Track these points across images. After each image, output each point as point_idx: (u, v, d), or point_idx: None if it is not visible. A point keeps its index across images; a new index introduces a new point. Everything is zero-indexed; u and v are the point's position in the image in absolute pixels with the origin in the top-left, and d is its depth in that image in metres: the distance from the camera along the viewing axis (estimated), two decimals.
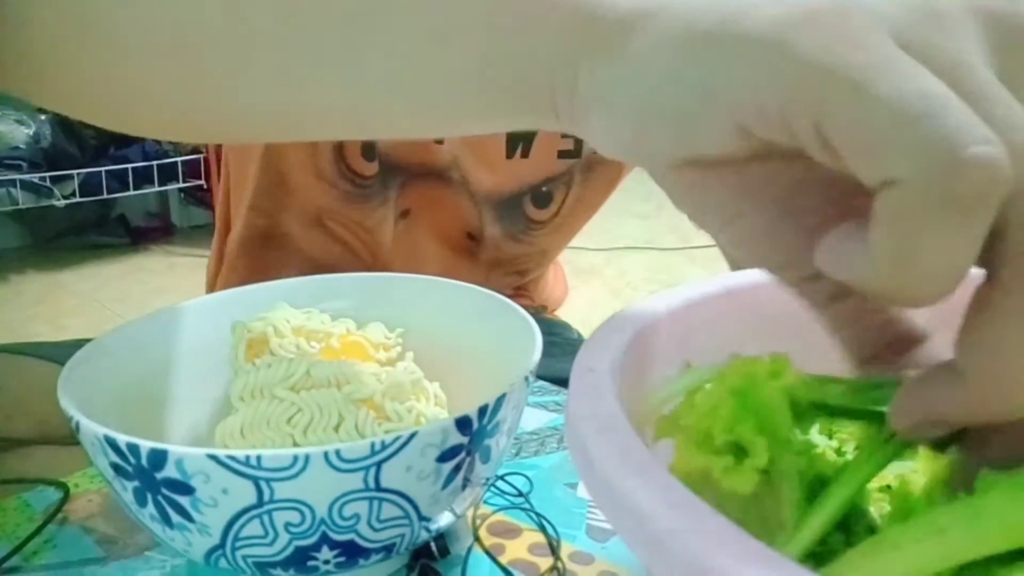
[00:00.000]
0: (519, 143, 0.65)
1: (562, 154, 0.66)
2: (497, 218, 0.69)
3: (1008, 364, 0.18)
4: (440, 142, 0.64)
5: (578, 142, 0.66)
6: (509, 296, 0.44)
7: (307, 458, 0.28)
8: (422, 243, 0.69)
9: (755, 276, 0.32)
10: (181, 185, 2.56)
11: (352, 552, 0.31)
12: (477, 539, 0.39)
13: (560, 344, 0.64)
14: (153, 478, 0.29)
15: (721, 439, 0.21)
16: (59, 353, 0.56)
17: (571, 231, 0.75)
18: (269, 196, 0.67)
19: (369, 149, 0.64)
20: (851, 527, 0.22)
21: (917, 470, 0.22)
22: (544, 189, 0.69)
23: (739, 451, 0.21)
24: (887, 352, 0.23)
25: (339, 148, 0.63)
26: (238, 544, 0.30)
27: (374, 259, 0.69)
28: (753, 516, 0.21)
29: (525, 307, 0.41)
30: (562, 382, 0.54)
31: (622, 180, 0.72)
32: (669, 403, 0.23)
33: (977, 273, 0.18)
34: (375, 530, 0.31)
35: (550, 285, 0.84)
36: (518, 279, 0.77)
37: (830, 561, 0.18)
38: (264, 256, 0.70)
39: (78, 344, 0.37)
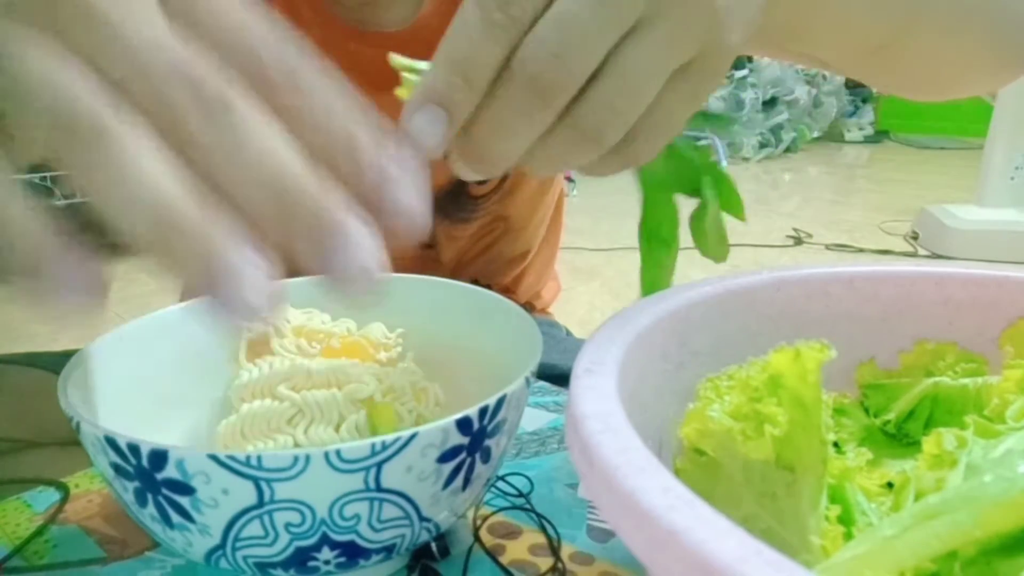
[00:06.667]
0: None
1: None
2: (443, 214, 0.66)
3: None
4: None
5: None
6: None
7: (307, 458, 0.28)
8: None
9: (755, 276, 0.32)
10: None
11: (352, 553, 0.31)
12: (478, 540, 0.39)
13: (546, 340, 0.64)
14: (154, 478, 0.29)
15: (745, 407, 0.21)
16: (54, 363, 0.55)
17: (529, 193, 0.70)
18: None
19: None
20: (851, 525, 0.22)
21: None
22: None
23: (761, 420, 0.21)
24: None
25: None
26: (238, 544, 0.30)
27: None
28: (768, 510, 0.21)
29: None
30: (549, 377, 0.54)
31: None
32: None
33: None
34: (375, 531, 0.31)
35: (539, 283, 0.83)
36: (495, 270, 0.74)
37: None
38: None
39: (72, 354, 0.37)
